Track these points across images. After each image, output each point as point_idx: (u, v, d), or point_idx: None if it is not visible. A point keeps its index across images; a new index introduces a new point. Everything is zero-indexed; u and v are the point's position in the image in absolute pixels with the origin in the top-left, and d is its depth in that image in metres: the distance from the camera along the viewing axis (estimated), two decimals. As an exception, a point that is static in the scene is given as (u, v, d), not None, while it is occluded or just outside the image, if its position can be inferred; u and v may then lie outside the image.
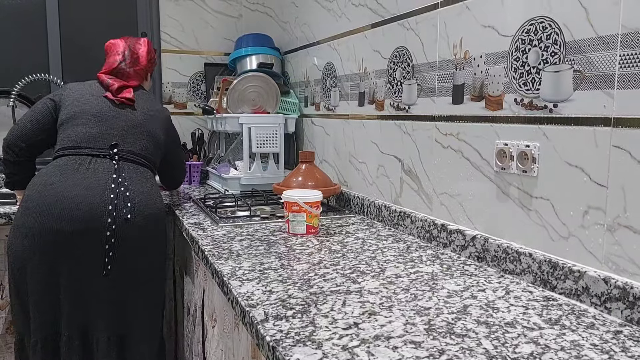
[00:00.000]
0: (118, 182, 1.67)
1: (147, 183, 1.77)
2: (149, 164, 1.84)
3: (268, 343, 0.84)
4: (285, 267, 1.23)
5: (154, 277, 1.73)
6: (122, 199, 1.65)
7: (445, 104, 1.42)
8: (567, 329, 0.89)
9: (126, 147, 1.79)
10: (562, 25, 1.05)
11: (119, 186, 1.66)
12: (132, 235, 1.64)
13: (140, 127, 1.86)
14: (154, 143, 1.88)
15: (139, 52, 1.99)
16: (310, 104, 2.32)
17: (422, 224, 1.49)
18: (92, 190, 1.63)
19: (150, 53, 2.03)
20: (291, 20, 2.50)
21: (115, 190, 1.65)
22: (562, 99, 1.06)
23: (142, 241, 1.67)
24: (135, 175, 1.75)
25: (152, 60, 2.04)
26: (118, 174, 1.70)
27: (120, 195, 1.65)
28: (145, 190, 1.73)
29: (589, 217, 1.01)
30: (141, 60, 1.99)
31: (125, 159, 1.77)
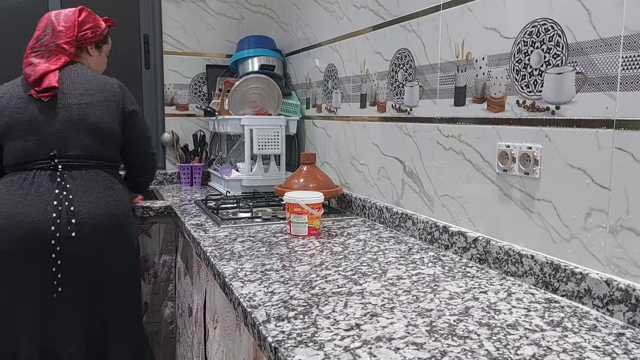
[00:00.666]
0: (60, 198, 1.56)
1: (99, 188, 1.63)
2: (102, 163, 1.69)
3: (270, 344, 0.84)
4: (287, 269, 1.23)
5: (120, 287, 1.66)
6: (66, 215, 1.54)
7: (447, 106, 1.42)
8: (569, 331, 0.89)
9: (68, 152, 1.63)
10: (564, 27, 1.05)
11: (62, 202, 1.55)
12: (81, 251, 1.55)
13: (78, 124, 1.65)
14: (101, 136, 1.69)
15: (63, 22, 1.75)
16: (312, 105, 2.32)
17: (424, 225, 1.49)
18: (34, 208, 1.54)
19: (85, 22, 1.79)
20: (293, 22, 2.50)
21: (58, 207, 1.54)
22: (565, 100, 1.06)
23: (94, 255, 1.58)
24: (83, 182, 1.62)
25: (88, 28, 1.79)
26: (61, 187, 1.58)
27: (64, 211, 1.54)
28: (93, 199, 1.60)
29: (592, 219, 1.01)
30: (65, 30, 1.74)
31: (69, 166, 1.63)
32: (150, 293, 2.13)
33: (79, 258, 1.56)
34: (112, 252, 1.63)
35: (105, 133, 1.70)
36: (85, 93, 1.69)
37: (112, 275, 1.64)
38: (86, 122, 1.66)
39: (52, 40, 1.72)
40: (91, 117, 1.67)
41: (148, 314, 2.13)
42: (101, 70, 1.92)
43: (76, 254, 1.55)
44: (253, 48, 2.59)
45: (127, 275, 1.71)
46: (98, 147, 1.68)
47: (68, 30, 1.74)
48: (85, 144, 1.66)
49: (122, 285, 1.68)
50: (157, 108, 2.77)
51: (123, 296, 1.68)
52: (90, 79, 1.74)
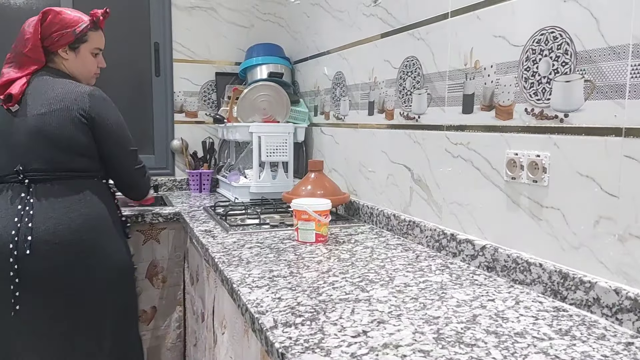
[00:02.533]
0: (22, 214, 1.50)
1: (63, 202, 1.54)
2: (70, 174, 1.59)
3: (277, 350, 0.85)
4: (295, 275, 1.23)
5: (90, 305, 1.56)
6: (24, 232, 1.47)
7: (455, 114, 1.42)
8: (577, 339, 0.89)
9: (32, 165, 1.55)
10: (573, 35, 1.05)
11: (22, 218, 1.50)
12: (38, 269, 1.48)
13: (36, 136, 1.55)
14: (62, 146, 1.57)
15: (27, 28, 1.65)
16: (320, 113, 2.33)
17: (432, 233, 1.49)
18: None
19: (51, 24, 1.66)
20: (302, 30, 2.52)
21: (17, 224, 1.49)
22: (573, 108, 1.06)
23: (54, 273, 1.50)
24: (47, 197, 1.54)
25: (55, 31, 1.66)
26: (24, 203, 1.52)
27: (22, 228, 1.48)
28: (55, 215, 1.51)
29: (600, 228, 1.00)
30: (29, 37, 1.63)
31: (35, 180, 1.55)
32: (159, 298, 2.14)
33: (38, 276, 1.48)
34: (76, 270, 1.52)
35: (66, 143, 1.57)
36: (45, 102, 1.58)
37: (79, 293, 1.54)
38: (43, 134, 1.55)
39: (20, 50, 1.65)
40: (48, 127, 1.56)
41: (156, 318, 2.13)
42: (87, 73, 1.78)
43: (34, 271, 1.48)
44: (262, 56, 2.61)
45: (102, 292, 1.58)
46: (62, 159, 1.57)
47: (32, 37, 1.63)
48: (47, 157, 1.56)
49: (94, 304, 1.56)
50: (167, 115, 2.79)
51: (95, 314, 1.57)
52: (55, 87, 1.61)
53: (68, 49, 1.70)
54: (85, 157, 1.62)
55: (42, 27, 1.65)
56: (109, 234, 1.62)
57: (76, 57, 1.73)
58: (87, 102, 1.61)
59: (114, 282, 1.62)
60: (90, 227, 1.56)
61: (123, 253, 1.67)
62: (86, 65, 1.76)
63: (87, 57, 1.75)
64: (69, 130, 1.57)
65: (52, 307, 1.51)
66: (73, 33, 1.69)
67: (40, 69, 1.67)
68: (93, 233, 1.57)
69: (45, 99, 1.59)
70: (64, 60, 1.71)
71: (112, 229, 1.65)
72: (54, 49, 1.68)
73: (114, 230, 1.65)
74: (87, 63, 1.76)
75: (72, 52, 1.72)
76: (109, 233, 1.62)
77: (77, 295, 1.54)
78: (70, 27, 1.68)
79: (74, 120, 1.58)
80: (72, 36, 1.69)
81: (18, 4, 2.64)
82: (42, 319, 1.51)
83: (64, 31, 1.67)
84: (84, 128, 1.60)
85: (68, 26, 1.68)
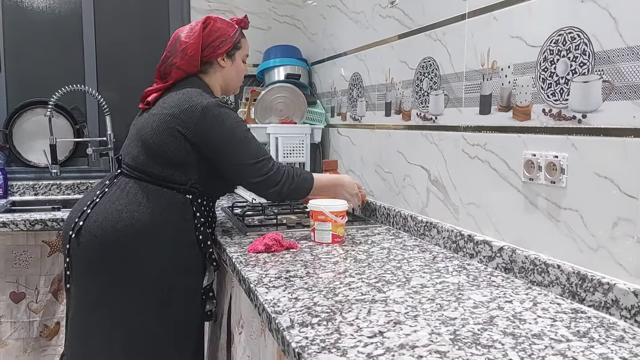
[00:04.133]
0: (92, 200, 1.53)
1: (125, 200, 1.50)
2: (144, 177, 1.54)
3: (294, 349, 0.85)
4: (311, 275, 1.24)
5: (105, 302, 1.50)
6: (83, 217, 1.50)
7: (472, 114, 1.41)
8: (595, 341, 0.88)
9: (126, 159, 1.59)
10: (591, 35, 1.05)
11: (89, 205, 1.52)
12: (79, 255, 1.51)
13: (137, 134, 1.59)
14: (146, 150, 1.54)
15: (184, 38, 1.62)
16: (337, 114, 2.34)
17: (449, 234, 1.49)
18: (79, 206, 1.57)
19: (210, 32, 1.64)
20: (319, 31, 2.53)
21: (84, 209, 1.52)
22: (591, 109, 1.05)
23: (89, 262, 1.50)
24: (119, 192, 1.53)
25: (213, 41, 1.64)
26: (103, 190, 1.55)
27: (84, 214, 1.51)
28: (111, 209, 1.49)
29: (619, 229, 1.00)
30: (185, 49, 1.61)
31: (124, 173, 1.58)
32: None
33: (77, 261, 1.52)
34: (102, 265, 1.49)
35: (154, 148, 1.53)
36: (161, 105, 1.57)
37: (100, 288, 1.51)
38: (141, 133, 1.56)
39: (174, 62, 1.62)
40: (146, 128, 1.55)
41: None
42: (239, 81, 1.77)
43: (76, 256, 1.51)
44: (279, 57, 2.62)
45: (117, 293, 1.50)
46: (144, 160, 1.54)
47: (192, 46, 1.61)
48: (134, 155, 1.56)
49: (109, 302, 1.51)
50: (185, 116, 2.81)
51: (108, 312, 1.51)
52: (179, 93, 1.57)
53: (226, 57, 1.68)
54: (171, 167, 1.53)
55: (203, 36, 1.62)
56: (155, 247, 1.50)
57: (232, 65, 1.71)
58: (196, 116, 1.51)
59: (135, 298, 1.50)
60: (137, 233, 1.48)
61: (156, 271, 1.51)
62: (240, 73, 1.76)
63: (241, 64, 1.75)
64: (161, 138, 1.52)
65: (82, 295, 1.54)
66: (231, 40, 1.67)
67: (184, 78, 1.64)
68: (136, 241, 1.48)
69: (165, 102, 1.57)
70: (220, 70, 1.68)
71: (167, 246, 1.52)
72: (214, 57, 1.65)
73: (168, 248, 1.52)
74: (241, 70, 1.76)
75: (230, 59, 1.70)
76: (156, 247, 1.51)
77: (103, 291, 1.51)
78: (228, 35, 1.67)
79: (172, 131, 1.51)
80: (230, 43, 1.67)
81: (41, 7, 2.69)
82: (78, 301, 1.55)
83: (223, 39, 1.65)
84: (181, 140, 1.52)
85: (226, 34, 1.67)
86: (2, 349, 2.06)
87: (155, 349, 1.53)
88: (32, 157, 2.69)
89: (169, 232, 1.52)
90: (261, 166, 1.54)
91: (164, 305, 1.52)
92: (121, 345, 1.50)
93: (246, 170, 1.54)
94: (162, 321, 1.53)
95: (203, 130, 1.51)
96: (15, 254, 2.06)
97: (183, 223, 1.54)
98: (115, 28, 2.79)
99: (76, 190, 2.69)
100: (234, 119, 1.57)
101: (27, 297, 2.07)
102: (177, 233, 1.54)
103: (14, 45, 2.65)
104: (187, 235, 1.55)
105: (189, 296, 1.58)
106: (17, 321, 2.07)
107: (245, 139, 1.56)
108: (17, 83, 2.67)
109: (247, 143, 1.56)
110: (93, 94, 2.57)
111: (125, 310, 1.49)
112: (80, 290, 1.54)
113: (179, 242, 1.54)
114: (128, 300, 1.49)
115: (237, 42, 1.70)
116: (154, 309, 1.51)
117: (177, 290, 1.54)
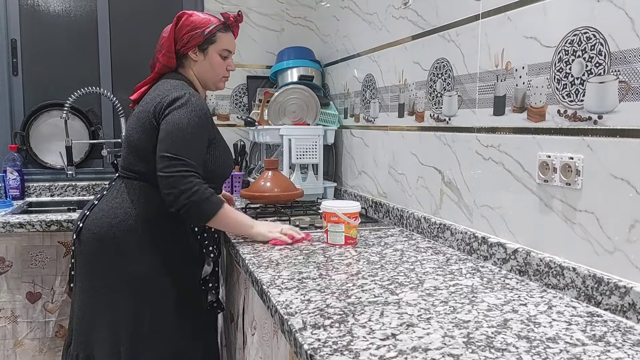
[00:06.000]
0: (92, 203, 1.64)
1: (120, 199, 1.58)
2: (135, 176, 1.61)
3: (306, 351, 0.85)
4: (324, 277, 1.24)
5: (103, 293, 1.55)
6: (83, 220, 1.60)
7: (486, 116, 1.40)
8: (612, 345, 0.87)
9: (120, 162, 1.69)
10: (607, 35, 1.03)
11: (89, 208, 1.63)
12: (80, 251, 1.60)
13: (125, 135, 1.65)
14: (131, 150, 1.61)
15: (163, 34, 1.70)
16: (350, 115, 2.33)
17: (462, 236, 1.48)
18: (80, 213, 1.68)
19: (181, 27, 1.66)
20: (332, 33, 2.53)
21: (85, 212, 1.63)
22: (607, 110, 1.04)
23: (88, 258, 1.58)
24: (115, 192, 1.61)
25: (185, 33, 1.66)
26: (102, 193, 1.66)
27: (84, 216, 1.61)
28: (107, 208, 1.58)
29: (636, 231, 0.98)
30: (163, 42, 1.67)
31: (120, 176, 1.66)
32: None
33: (80, 258, 1.60)
34: (102, 261, 1.56)
35: (133, 145, 1.60)
36: (140, 104, 1.64)
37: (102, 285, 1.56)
38: (127, 134, 1.63)
39: (156, 56, 1.70)
40: (129, 129, 1.63)
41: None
42: (215, 76, 1.73)
43: (78, 253, 1.61)
44: (292, 59, 2.63)
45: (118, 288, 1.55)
46: (131, 160, 1.61)
47: (166, 41, 1.66)
48: (124, 156, 1.66)
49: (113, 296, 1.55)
50: (199, 118, 2.83)
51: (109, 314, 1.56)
52: (156, 89, 1.63)
53: (198, 51, 1.68)
54: (153, 162, 1.53)
55: (175, 30, 1.67)
56: (149, 241, 1.56)
57: (204, 59, 1.70)
58: (164, 106, 1.54)
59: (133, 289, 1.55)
60: (130, 227, 1.54)
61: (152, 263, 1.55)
62: (214, 67, 1.72)
63: (215, 58, 1.71)
64: (139, 134, 1.58)
65: (83, 290, 1.60)
66: (202, 34, 1.66)
67: (167, 73, 1.69)
68: (130, 235, 1.54)
69: (144, 100, 1.63)
70: (193, 63, 1.70)
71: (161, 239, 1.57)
72: (185, 51, 1.67)
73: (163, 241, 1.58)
74: (215, 65, 1.71)
75: (202, 53, 1.69)
76: (150, 240, 1.56)
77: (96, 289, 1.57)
78: (200, 29, 1.67)
79: (146, 124, 1.56)
80: (202, 37, 1.67)
81: (57, 11, 2.72)
82: (80, 296, 1.61)
83: (193, 32, 1.66)
84: (152, 133, 1.56)
85: (197, 27, 1.67)
86: (19, 349, 2.09)
87: (160, 338, 1.57)
88: (48, 158, 2.72)
89: (163, 226, 1.58)
90: (175, 164, 1.48)
91: (162, 297, 1.58)
92: (124, 334, 1.54)
93: (161, 161, 1.49)
94: (162, 311, 1.58)
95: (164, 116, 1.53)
96: (32, 255, 2.08)
97: (176, 216, 1.52)
98: (130, 31, 2.82)
99: (91, 191, 2.72)
100: (192, 112, 1.54)
101: (43, 297, 2.10)
102: (172, 225, 1.59)
103: (30, 48, 2.68)
104: (181, 227, 1.61)
105: (186, 286, 1.62)
106: (33, 321, 2.09)
107: (184, 134, 1.51)
108: (34, 86, 2.71)
109: (181, 138, 1.50)
110: (108, 96, 2.60)
111: (124, 301, 1.55)
112: (82, 285, 1.60)
113: (174, 235, 1.60)
114: (126, 291, 1.55)
115: (210, 35, 1.67)
116: (152, 299, 1.56)
117: (174, 281, 1.59)
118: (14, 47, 2.65)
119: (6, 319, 2.07)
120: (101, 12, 2.76)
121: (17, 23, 2.64)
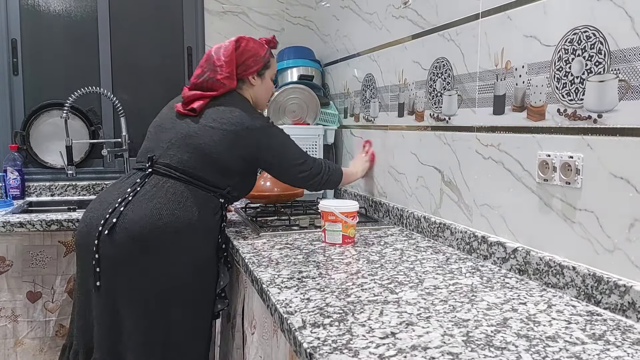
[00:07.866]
0: (125, 197, 1.55)
1: (163, 198, 1.55)
2: (188, 179, 1.60)
3: (305, 350, 0.85)
4: (324, 276, 1.24)
5: (140, 301, 1.52)
6: (116, 215, 1.51)
7: (486, 115, 1.40)
8: (611, 344, 0.87)
9: (164, 159, 1.62)
10: (606, 34, 1.03)
11: (122, 202, 1.54)
12: (113, 252, 1.51)
13: (188, 139, 1.62)
14: (201, 157, 1.61)
15: (219, 56, 1.71)
16: (350, 115, 2.33)
17: (462, 235, 1.48)
18: (102, 204, 1.57)
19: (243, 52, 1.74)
20: (332, 32, 2.53)
21: (115, 205, 1.54)
22: (607, 109, 1.04)
23: (124, 259, 1.51)
24: (155, 190, 1.56)
25: (248, 58, 1.74)
26: (132, 189, 1.57)
27: (117, 211, 1.52)
28: (148, 207, 1.52)
29: (636, 230, 0.98)
30: (221, 66, 1.70)
31: (158, 172, 1.61)
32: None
33: (110, 257, 1.51)
34: (139, 262, 1.52)
35: (213, 157, 1.61)
36: (218, 119, 1.64)
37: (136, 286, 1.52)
38: (197, 141, 1.62)
39: (212, 77, 1.70)
40: (205, 138, 1.62)
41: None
42: (266, 99, 1.88)
43: (109, 253, 1.51)
44: (292, 59, 2.63)
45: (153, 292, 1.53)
46: (194, 165, 1.61)
47: (227, 64, 1.70)
48: (184, 158, 1.61)
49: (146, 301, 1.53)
50: (199, 118, 2.83)
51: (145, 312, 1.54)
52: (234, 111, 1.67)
53: (256, 76, 1.78)
54: (219, 174, 1.64)
55: (237, 55, 1.72)
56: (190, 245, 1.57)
57: (262, 83, 1.81)
58: (255, 137, 1.66)
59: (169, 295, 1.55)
60: (176, 230, 1.53)
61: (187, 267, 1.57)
62: (268, 90, 1.85)
63: (269, 82, 1.84)
64: (221, 150, 1.62)
65: (115, 292, 1.53)
66: (263, 59, 1.78)
67: (225, 92, 1.72)
68: (175, 237, 1.53)
69: (220, 117, 1.65)
70: (250, 87, 1.78)
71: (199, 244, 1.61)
72: (246, 75, 1.76)
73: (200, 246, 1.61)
74: (269, 88, 1.85)
75: (259, 78, 1.79)
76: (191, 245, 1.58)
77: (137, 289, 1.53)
78: (260, 55, 1.77)
79: (232, 145, 1.63)
80: (262, 62, 1.78)
81: (57, 11, 2.73)
82: (108, 301, 1.53)
83: (255, 58, 1.76)
84: (240, 154, 1.65)
85: (258, 53, 1.77)
86: (19, 348, 2.09)
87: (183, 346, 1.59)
88: (48, 158, 2.72)
89: (202, 231, 1.61)
90: (306, 164, 1.75)
91: (193, 303, 1.60)
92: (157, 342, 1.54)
93: (294, 169, 1.74)
94: (192, 317, 1.60)
95: (260, 149, 1.67)
96: (32, 254, 2.08)
97: (213, 224, 1.64)
98: (130, 31, 2.82)
99: (91, 191, 2.72)
100: (280, 133, 1.75)
101: (44, 297, 2.10)
102: (208, 232, 1.63)
103: (30, 48, 2.69)
104: (214, 235, 1.65)
105: (208, 294, 1.65)
106: (33, 320, 2.09)
107: (291, 146, 1.75)
108: (34, 85, 2.71)
109: (293, 149, 1.75)
110: (108, 96, 2.60)
111: (155, 306, 1.53)
112: (112, 286, 1.52)
113: (208, 241, 1.64)
114: (159, 297, 1.54)
115: (267, 61, 1.80)
116: (182, 305, 1.57)
117: (202, 288, 1.62)
118: (14, 47, 2.65)
119: (7, 319, 2.07)
120: (101, 12, 2.76)
121: (17, 23, 2.64)
